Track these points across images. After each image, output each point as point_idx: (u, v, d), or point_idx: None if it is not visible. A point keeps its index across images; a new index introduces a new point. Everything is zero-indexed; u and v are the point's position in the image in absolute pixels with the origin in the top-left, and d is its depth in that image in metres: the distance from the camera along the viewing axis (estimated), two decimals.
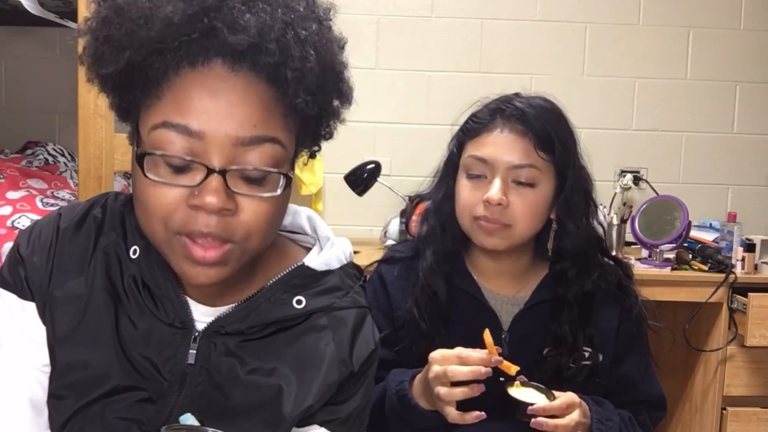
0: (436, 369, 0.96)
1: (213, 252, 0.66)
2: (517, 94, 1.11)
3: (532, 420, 0.96)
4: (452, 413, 0.95)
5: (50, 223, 0.78)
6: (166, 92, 0.65)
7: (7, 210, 1.33)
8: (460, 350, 0.97)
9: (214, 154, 0.64)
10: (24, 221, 1.31)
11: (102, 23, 0.65)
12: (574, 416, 0.97)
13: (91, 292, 0.75)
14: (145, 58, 0.64)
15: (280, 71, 0.65)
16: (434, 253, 1.12)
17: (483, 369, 0.94)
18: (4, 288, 0.76)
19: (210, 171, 0.64)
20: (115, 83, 0.68)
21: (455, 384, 0.95)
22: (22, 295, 0.75)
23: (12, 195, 1.38)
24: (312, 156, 0.82)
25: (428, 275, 1.10)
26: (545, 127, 1.05)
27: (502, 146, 1.05)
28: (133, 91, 0.67)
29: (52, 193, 1.47)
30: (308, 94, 0.67)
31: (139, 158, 0.65)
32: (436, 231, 1.13)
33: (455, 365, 0.95)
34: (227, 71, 0.65)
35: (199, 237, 0.65)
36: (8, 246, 1.27)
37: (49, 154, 1.74)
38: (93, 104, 1.16)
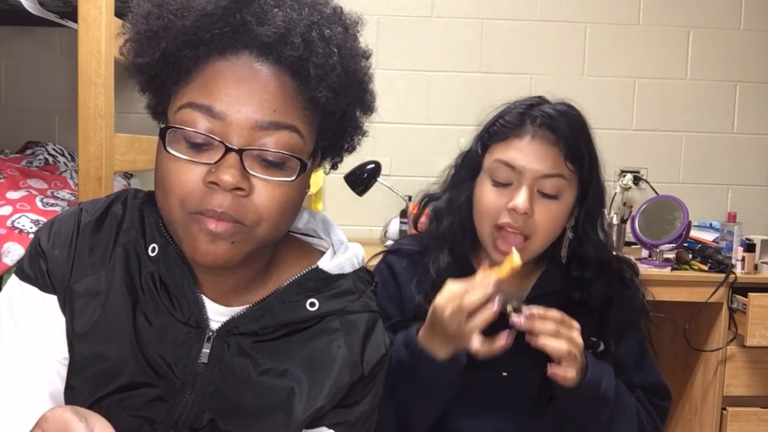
0: (449, 308, 0.93)
1: (223, 227, 0.67)
2: (541, 98, 1.09)
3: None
4: (476, 345, 0.92)
5: (71, 218, 0.79)
6: (195, 77, 0.69)
7: (7, 210, 1.33)
8: (462, 284, 0.94)
9: (233, 134, 0.67)
10: (24, 221, 1.31)
11: (144, 16, 0.70)
12: (571, 333, 0.95)
13: (111, 288, 0.75)
14: (180, 49, 0.68)
15: (304, 66, 0.69)
16: (451, 252, 1.10)
17: (491, 289, 0.91)
18: (26, 281, 0.77)
19: (228, 150, 0.66)
20: (150, 73, 0.72)
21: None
22: (44, 289, 0.76)
23: (12, 195, 1.38)
24: (334, 167, 0.86)
25: (444, 274, 1.08)
26: (576, 139, 1.03)
27: (531, 154, 1.02)
28: (165, 79, 0.72)
29: (52, 193, 1.47)
30: (329, 90, 0.70)
31: (162, 132, 0.68)
32: (455, 231, 1.11)
33: (473, 296, 0.92)
34: (253, 62, 0.69)
35: (212, 216, 0.67)
36: (8, 246, 1.27)
37: (49, 154, 1.74)
38: (93, 104, 1.16)
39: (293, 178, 0.69)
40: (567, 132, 1.02)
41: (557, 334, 0.94)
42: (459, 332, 0.92)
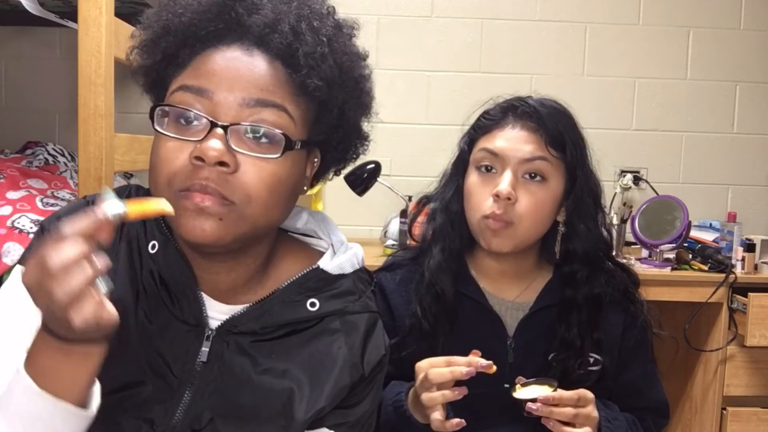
0: (421, 375, 0.94)
1: (210, 201, 0.68)
2: (528, 96, 1.12)
3: (541, 417, 0.94)
4: (435, 419, 0.92)
5: (77, 209, 0.78)
6: (189, 67, 0.73)
7: (7, 210, 1.33)
8: (449, 357, 0.95)
9: (220, 112, 0.69)
10: (24, 221, 1.31)
11: (150, 25, 0.74)
12: (588, 410, 0.95)
13: (115, 282, 0.75)
14: (179, 48, 0.72)
15: (294, 54, 0.71)
16: (442, 250, 1.11)
17: (464, 369, 0.91)
18: None
19: (213, 125, 0.68)
20: (153, 75, 0.76)
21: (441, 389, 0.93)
22: None
23: (12, 195, 1.38)
24: (337, 173, 0.87)
25: (435, 273, 1.09)
26: (557, 126, 1.05)
27: (513, 140, 1.05)
28: (165, 78, 0.75)
29: (52, 193, 1.47)
30: (320, 80, 0.71)
31: (152, 111, 0.71)
32: (446, 228, 1.12)
33: (440, 368, 0.93)
34: (245, 50, 0.72)
35: (199, 190, 0.68)
36: (8, 246, 1.27)
37: (49, 154, 1.74)
38: (93, 104, 1.16)
39: (278, 154, 0.70)
40: (547, 120, 1.05)
41: (576, 418, 0.94)
42: (426, 400, 0.93)
